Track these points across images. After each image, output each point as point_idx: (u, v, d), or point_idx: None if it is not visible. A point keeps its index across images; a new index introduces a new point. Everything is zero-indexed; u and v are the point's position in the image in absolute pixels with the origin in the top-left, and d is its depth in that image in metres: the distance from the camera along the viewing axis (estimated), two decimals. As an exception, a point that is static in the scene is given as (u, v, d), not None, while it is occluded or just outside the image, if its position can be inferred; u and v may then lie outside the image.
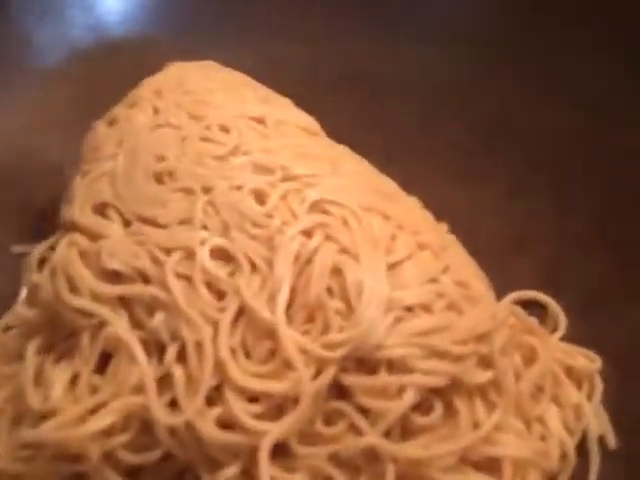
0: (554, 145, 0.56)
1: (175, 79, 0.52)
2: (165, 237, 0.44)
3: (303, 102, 0.54)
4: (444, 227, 0.51)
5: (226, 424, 0.40)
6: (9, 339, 0.47)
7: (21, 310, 0.47)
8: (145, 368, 0.41)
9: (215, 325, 0.41)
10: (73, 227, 0.47)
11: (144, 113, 0.49)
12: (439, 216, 0.52)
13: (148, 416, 0.40)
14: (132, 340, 0.42)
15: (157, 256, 0.43)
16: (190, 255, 0.43)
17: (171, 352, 0.41)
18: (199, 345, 0.41)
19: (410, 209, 0.49)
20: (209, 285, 0.42)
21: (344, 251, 0.43)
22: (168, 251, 0.44)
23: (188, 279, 0.43)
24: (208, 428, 0.39)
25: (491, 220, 0.53)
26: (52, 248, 0.50)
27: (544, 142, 0.57)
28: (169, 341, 0.41)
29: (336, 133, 0.53)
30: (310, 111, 0.54)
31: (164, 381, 0.41)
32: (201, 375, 0.40)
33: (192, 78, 0.53)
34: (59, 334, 0.45)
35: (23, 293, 0.50)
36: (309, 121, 0.53)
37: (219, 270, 0.43)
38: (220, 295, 0.42)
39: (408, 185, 0.52)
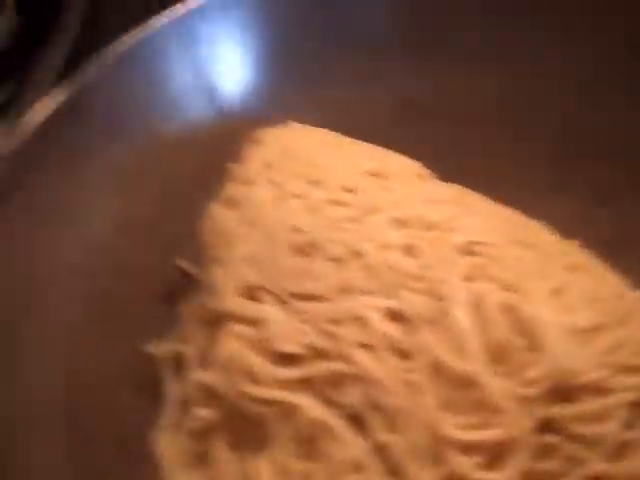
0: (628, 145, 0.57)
1: (276, 147, 0.52)
2: (330, 310, 0.44)
3: (393, 145, 0.55)
4: (576, 244, 0.52)
5: (451, 483, 0.40)
6: (184, 441, 0.46)
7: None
8: (357, 446, 0.41)
9: (412, 386, 0.42)
10: (225, 317, 0.46)
11: (263, 188, 0.49)
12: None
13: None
14: (332, 420, 0.42)
15: (329, 330, 0.43)
16: (363, 323, 0.43)
17: (377, 423, 0.41)
18: (403, 411, 0.41)
19: (543, 233, 0.51)
20: (391, 348, 0.43)
21: (508, 288, 0.44)
22: (337, 323, 0.44)
23: (368, 347, 0.43)
24: (440, 490, 0.40)
25: (582, 229, 0.53)
26: (184, 341, 0.49)
27: (618, 144, 0.58)
28: (369, 412, 0.42)
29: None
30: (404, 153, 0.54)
31: (377, 453, 0.41)
32: (415, 439, 0.40)
33: (292, 143, 0.52)
34: (243, 427, 0.44)
35: (171, 393, 0.48)
36: (417, 165, 0.53)
37: (396, 332, 0.43)
38: (404, 356, 0.43)
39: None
